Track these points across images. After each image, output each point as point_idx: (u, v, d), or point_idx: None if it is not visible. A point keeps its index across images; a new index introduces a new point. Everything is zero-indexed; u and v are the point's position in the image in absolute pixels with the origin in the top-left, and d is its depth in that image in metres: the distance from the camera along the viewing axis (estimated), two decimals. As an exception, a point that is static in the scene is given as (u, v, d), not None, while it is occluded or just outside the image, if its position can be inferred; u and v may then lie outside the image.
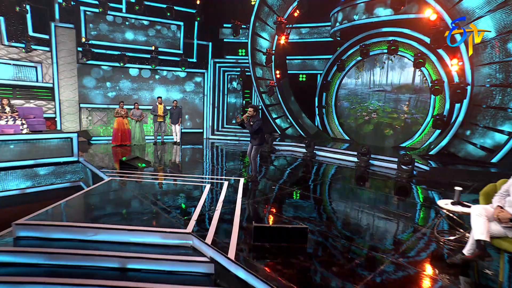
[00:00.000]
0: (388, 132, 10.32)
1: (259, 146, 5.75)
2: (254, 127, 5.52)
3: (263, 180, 6.12)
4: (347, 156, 8.76)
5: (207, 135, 12.73)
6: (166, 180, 5.95)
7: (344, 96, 11.49)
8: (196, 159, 8.23)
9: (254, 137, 5.71)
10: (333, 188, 5.97)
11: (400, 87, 10.01)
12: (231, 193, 5.19)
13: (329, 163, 8.29)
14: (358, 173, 7.30)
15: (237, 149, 10.04)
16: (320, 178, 6.74)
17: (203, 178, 6.06)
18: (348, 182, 6.45)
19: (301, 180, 6.38)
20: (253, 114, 5.58)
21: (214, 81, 12.80)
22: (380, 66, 10.44)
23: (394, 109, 10.15)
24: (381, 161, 8.16)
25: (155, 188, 5.46)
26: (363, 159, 8.04)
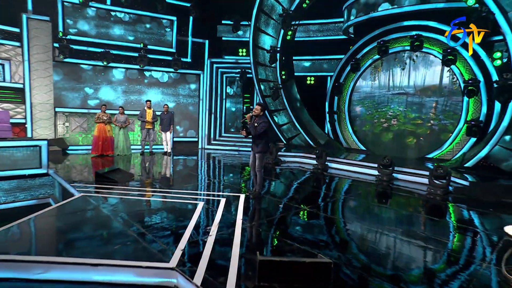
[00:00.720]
0: (410, 141, 9.93)
1: (262, 155, 5.32)
2: (259, 129, 5.10)
3: (267, 196, 5.70)
4: (366, 169, 8.34)
5: (203, 144, 12.45)
6: (153, 196, 5.55)
7: (359, 100, 11.22)
8: (189, 172, 7.92)
9: (257, 142, 5.28)
10: (353, 208, 5.48)
11: (425, 89, 9.60)
12: (230, 213, 4.71)
13: (344, 177, 7.92)
14: (380, 188, 6.88)
15: (236, 161, 9.72)
16: (335, 195, 6.26)
17: (196, 194, 5.67)
18: (370, 200, 6.00)
19: (312, 197, 6.00)
20: (259, 113, 5.17)
21: (211, 84, 12.52)
22: (401, 66, 10.08)
23: (418, 114, 9.75)
24: (407, 174, 7.66)
25: (137, 207, 4.92)
26: (385, 172, 7.57)
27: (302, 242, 3.81)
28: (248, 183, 6.80)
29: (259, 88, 11.19)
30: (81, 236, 3.83)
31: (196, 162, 9.34)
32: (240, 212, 4.69)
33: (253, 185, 5.76)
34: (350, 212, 5.22)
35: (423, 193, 6.52)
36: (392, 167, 7.57)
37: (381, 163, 7.65)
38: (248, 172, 7.95)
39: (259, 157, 5.32)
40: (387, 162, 7.58)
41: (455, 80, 8.92)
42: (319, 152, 8.78)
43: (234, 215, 4.58)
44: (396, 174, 7.68)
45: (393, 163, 7.57)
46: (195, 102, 12.49)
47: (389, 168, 7.59)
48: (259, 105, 5.18)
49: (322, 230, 4.33)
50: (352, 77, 11.25)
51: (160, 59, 11.62)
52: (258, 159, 5.34)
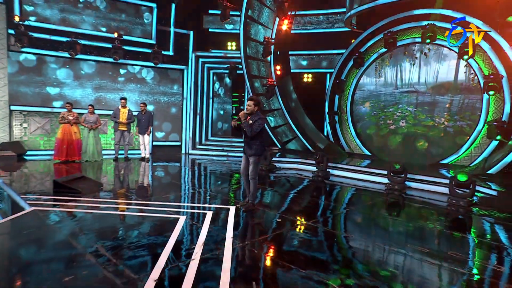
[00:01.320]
0: (421, 145, 9.71)
1: (257, 158, 4.98)
2: (256, 127, 4.77)
3: (261, 209, 5.39)
4: (374, 176, 8.16)
5: (187, 149, 12.16)
6: (125, 210, 5.19)
7: (363, 99, 11.05)
8: (171, 180, 7.72)
9: (251, 144, 4.95)
10: (363, 223, 5.17)
11: (437, 87, 9.40)
12: (217, 229, 4.29)
13: (349, 185, 7.75)
14: (391, 199, 6.63)
15: (225, 168, 9.54)
16: (340, 207, 5.96)
17: (178, 206, 5.36)
18: (381, 213, 5.68)
19: (314, 210, 5.72)
20: (253, 110, 4.84)
21: (196, 81, 12.17)
22: (410, 60, 9.90)
23: (430, 115, 9.55)
24: (422, 182, 7.39)
25: (103, 223, 4.44)
26: (397, 180, 7.25)
27: (305, 266, 3.37)
28: (238, 193, 6.59)
29: (251, 85, 10.87)
30: (20, 263, 3.20)
31: (178, 169, 9.16)
32: (230, 229, 4.30)
33: (245, 196, 5.55)
34: (360, 228, 4.89)
35: (442, 204, 6.26)
36: (405, 174, 7.25)
37: (392, 169, 7.33)
38: (238, 180, 7.81)
39: (253, 162, 4.99)
40: (399, 168, 7.26)
41: (473, 76, 8.69)
42: (319, 158, 8.48)
43: (222, 232, 4.17)
44: (409, 182, 7.42)
45: (406, 169, 7.26)
46: (178, 101, 12.15)
47: (401, 175, 7.27)
48: (251, 100, 4.87)
49: (327, 250, 3.92)
50: (355, 73, 11.06)
51: (138, 52, 11.23)
52: (252, 163, 5.00)
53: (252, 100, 4.85)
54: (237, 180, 7.85)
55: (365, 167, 8.53)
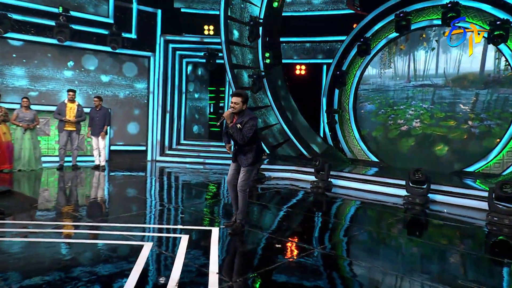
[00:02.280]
0: (440, 149, 9.57)
1: (251, 168, 4.74)
2: (247, 132, 4.50)
3: (252, 231, 5.12)
4: (388, 188, 7.97)
5: (154, 155, 11.96)
6: (70, 236, 4.87)
7: (368, 94, 10.95)
8: (133, 194, 7.58)
9: (245, 150, 4.70)
10: (390, 249, 4.93)
11: (459, 79, 9.29)
12: (197, 261, 3.88)
13: (356, 198, 7.70)
14: (411, 216, 6.57)
15: (202, 178, 9.47)
16: (353, 228, 5.74)
17: (143, 229, 5.12)
18: (410, 236, 5.54)
19: (321, 231, 5.55)
20: (241, 108, 4.55)
21: (166, 71, 11.94)
22: (427, 47, 9.79)
23: (451, 113, 9.40)
24: (449, 194, 7.13)
25: (34, 256, 3.96)
26: (418, 192, 7.05)
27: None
28: (221, 209, 6.48)
29: (233, 76, 10.56)
30: None
31: (143, 180, 9.05)
32: (213, 260, 3.87)
33: (230, 213, 5.53)
34: (385, 257, 4.57)
35: (479, 222, 6.05)
36: (427, 185, 7.01)
37: (412, 178, 7.08)
38: (219, 193, 7.89)
39: (245, 172, 4.71)
40: (420, 177, 6.99)
41: (506, 65, 8.52)
42: (319, 165, 8.31)
43: (204, 265, 3.72)
44: (432, 195, 7.18)
45: (429, 179, 7.03)
46: (142, 95, 11.81)
47: (423, 186, 7.05)
48: (238, 95, 4.57)
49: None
50: (359, 63, 10.91)
51: (90, 33, 10.65)
52: (243, 171, 4.72)
53: (239, 96, 4.53)
54: (218, 193, 7.87)
55: (377, 176, 8.37)
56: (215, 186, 8.45)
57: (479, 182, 7.93)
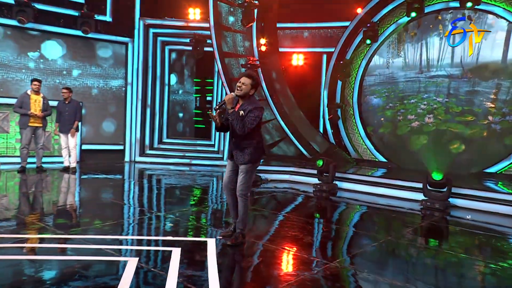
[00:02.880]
0: (457, 147, 9.67)
1: (251, 167, 4.56)
2: (249, 122, 4.36)
3: (256, 242, 4.98)
4: (399, 191, 8.04)
5: (132, 156, 11.83)
6: (34, 251, 4.55)
7: (375, 87, 11.11)
8: (109, 201, 7.37)
9: (242, 146, 4.55)
10: (410, 264, 4.77)
11: (479, 69, 9.39)
12: (194, 280, 3.65)
13: (366, 203, 7.75)
14: (432, 224, 6.44)
15: (188, 181, 9.38)
16: (371, 237, 5.64)
17: (124, 241, 4.87)
18: (434, 248, 5.40)
19: (335, 241, 5.51)
20: (247, 92, 4.46)
21: (146, 59, 11.81)
22: (441, 33, 9.85)
23: (468, 107, 9.55)
24: (472, 199, 7.15)
25: None
26: (437, 197, 7.03)
27: None
28: (214, 217, 6.42)
29: (223, 66, 10.43)
30: None
31: (120, 184, 8.97)
32: (213, 279, 3.62)
33: (226, 221, 5.62)
34: (411, 273, 4.40)
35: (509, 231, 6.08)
36: (448, 188, 6.98)
37: (430, 181, 7.08)
38: (210, 198, 7.85)
39: (244, 170, 4.53)
40: (441, 179, 6.99)
41: None
42: (323, 165, 8.35)
43: (202, 287, 3.48)
44: (453, 199, 7.18)
45: (450, 181, 7.00)
46: (119, 88, 11.63)
47: (442, 189, 7.02)
48: (247, 76, 4.49)
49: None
50: (365, 52, 11.04)
51: (57, 14, 10.41)
52: (242, 172, 4.54)
53: (249, 77, 4.44)
54: (208, 198, 7.86)
55: (388, 178, 8.43)
56: (204, 191, 8.40)
57: (502, 184, 7.98)
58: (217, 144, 11.59)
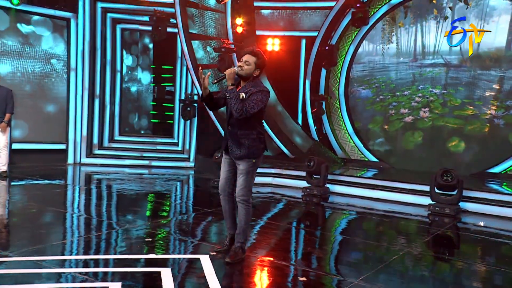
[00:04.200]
0: (455, 145, 9.86)
1: (252, 166, 4.47)
2: (252, 105, 4.24)
3: (256, 257, 4.86)
4: (400, 194, 8.15)
5: (77, 157, 11.54)
6: None
7: (363, 77, 11.23)
8: (61, 212, 6.91)
9: (240, 136, 4.45)
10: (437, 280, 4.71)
11: (480, 57, 9.63)
12: None
13: (366, 209, 7.81)
14: (445, 232, 6.41)
15: (153, 187, 9.22)
16: (384, 250, 5.66)
17: (89, 263, 4.50)
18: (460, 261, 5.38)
19: (345, 255, 5.53)
20: (251, 72, 4.35)
21: (94, 40, 11.45)
22: (437, 17, 10.05)
23: (468, 99, 9.73)
24: (487, 202, 7.26)
25: None
26: (446, 200, 7.07)
27: None
28: (198, 228, 6.21)
29: (189, 49, 10.21)
30: None
31: (69, 192, 8.52)
32: None
33: (219, 232, 5.72)
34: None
35: None
36: (459, 191, 7.03)
37: (439, 182, 7.09)
38: (185, 206, 7.72)
39: (245, 169, 4.43)
40: (451, 181, 7.01)
41: None
42: (314, 166, 8.28)
43: None
44: (464, 203, 7.27)
45: (461, 183, 7.06)
46: (59, 74, 11.21)
47: (452, 191, 7.07)
48: (251, 53, 4.38)
49: None
50: (353, 36, 11.10)
51: None
52: (243, 175, 4.44)
53: (254, 55, 4.34)
54: (183, 206, 7.69)
55: (388, 181, 8.53)
56: (175, 197, 8.26)
57: (506, 186, 8.22)
58: (181, 143, 11.42)
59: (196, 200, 8.36)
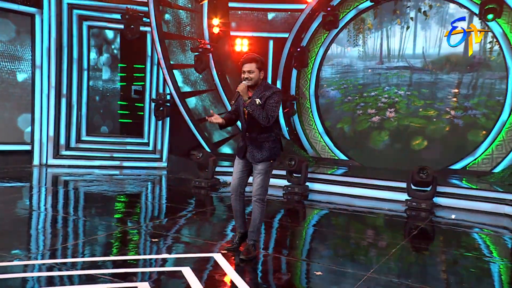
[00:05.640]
0: (419, 143, 10.21)
1: (270, 166, 4.55)
2: (270, 110, 4.33)
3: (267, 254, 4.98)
4: (376, 191, 8.36)
5: (43, 158, 11.19)
6: None
7: (333, 78, 11.33)
8: (51, 215, 6.64)
9: (260, 140, 4.51)
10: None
11: (441, 61, 9.99)
12: None
13: (342, 207, 7.88)
14: (425, 226, 6.64)
15: (137, 188, 9.16)
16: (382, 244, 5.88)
17: (107, 265, 4.39)
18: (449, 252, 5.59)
19: (346, 249, 5.60)
20: (257, 78, 4.41)
21: (60, 37, 11.04)
22: (402, 23, 10.35)
23: (431, 101, 10.09)
24: (458, 197, 7.65)
25: None
26: (420, 196, 7.41)
27: None
28: (197, 228, 6.19)
29: (163, 50, 9.95)
30: None
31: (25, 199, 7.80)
32: None
33: (220, 230, 5.82)
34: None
35: (504, 232, 6.49)
36: (433, 187, 7.39)
37: (415, 179, 7.40)
38: (175, 206, 7.47)
39: (264, 172, 4.48)
40: (426, 177, 7.33)
41: (496, 45, 9.23)
42: (295, 165, 8.40)
43: None
44: (438, 198, 7.63)
45: (435, 180, 7.40)
46: (24, 70, 10.90)
47: (426, 187, 7.44)
48: (250, 61, 4.42)
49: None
50: (322, 39, 11.21)
51: None
52: (261, 175, 4.49)
53: (252, 61, 4.35)
54: (174, 206, 7.47)
55: (365, 178, 8.77)
56: (161, 197, 8.23)
57: (466, 181, 8.63)
58: (152, 143, 11.20)
59: (184, 200, 7.98)
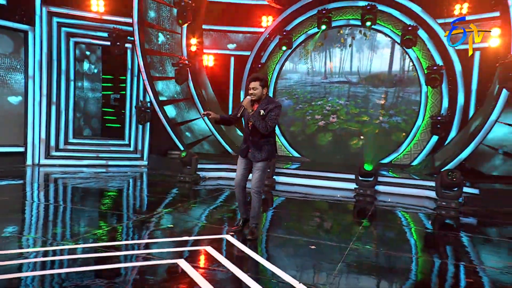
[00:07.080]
0: (355, 143, 10.82)
1: (265, 165, 4.67)
2: (271, 121, 4.43)
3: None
4: (333, 182, 8.65)
5: (35, 158, 10.61)
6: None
7: (286, 90, 11.62)
8: (67, 207, 6.43)
9: (261, 144, 4.61)
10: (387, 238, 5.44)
11: (371, 77, 10.68)
12: (255, 269, 3.83)
13: (306, 195, 8.03)
14: (361, 207, 7.16)
15: (118, 183, 8.71)
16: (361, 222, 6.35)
17: (139, 246, 4.40)
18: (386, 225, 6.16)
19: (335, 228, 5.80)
20: (261, 93, 4.48)
21: (50, 51, 10.50)
22: (342, 45, 10.90)
23: (364, 109, 10.75)
24: (396, 185, 8.19)
25: None
26: (365, 185, 7.77)
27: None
28: (201, 215, 6.05)
29: (145, 65, 9.72)
30: None
31: (20, 198, 7.00)
32: (276, 269, 3.68)
33: (227, 218, 5.66)
34: None
35: (427, 210, 7.04)
36: (374, 177, 7.76)
37: (362, 171, 7.75)
38: (173, 198, 7.38)
39: (261, 167, 4.61)
40: (372, 170, 7.69)
41: (411, 66, 10.14)
42: None
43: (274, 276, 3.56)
44: (380, 186, 8.08)
45: (378, 170, 7.92)
46: (17, 80, 10.27)
47: (370, 178, 7.78)
48: (255, 79, 4.48)
49: None
50: (278, 57, 11.51)
51: None
52: (259, 170, 4.61)
53: (256, 80, 4.42)
54: (172, 198, 7.34)
55: (322, 171, 8.97)
56: (158, 191, 7.83)
57: (392, 171, 9.28)
58: (133, 144, 10.84)
59: (178, 192, 7.74)
